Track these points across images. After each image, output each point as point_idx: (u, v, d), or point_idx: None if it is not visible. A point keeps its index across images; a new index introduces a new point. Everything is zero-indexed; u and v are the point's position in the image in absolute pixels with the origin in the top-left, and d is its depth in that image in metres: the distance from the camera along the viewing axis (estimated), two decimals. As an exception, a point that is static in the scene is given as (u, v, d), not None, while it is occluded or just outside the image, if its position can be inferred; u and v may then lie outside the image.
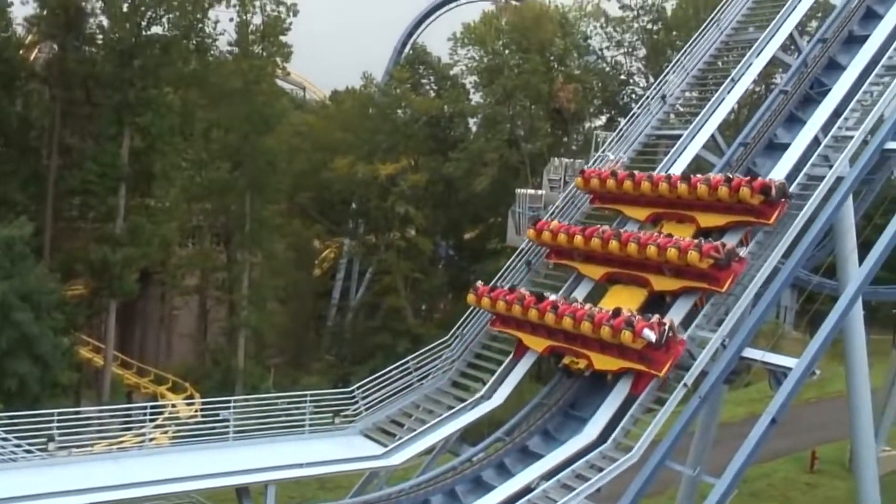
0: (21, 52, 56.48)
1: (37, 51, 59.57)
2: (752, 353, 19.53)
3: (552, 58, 69.50)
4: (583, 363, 20.39)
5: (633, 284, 21.36)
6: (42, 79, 56.48)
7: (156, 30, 54.81)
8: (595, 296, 22.11)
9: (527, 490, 18.62)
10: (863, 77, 22.86)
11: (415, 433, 20.57)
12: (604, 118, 76.10)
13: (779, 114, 24.40)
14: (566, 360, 20.83)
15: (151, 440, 20.77)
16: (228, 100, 59.51)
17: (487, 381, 21.48)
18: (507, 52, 68.34)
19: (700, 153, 24.64)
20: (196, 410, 42.97)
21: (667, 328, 19.06)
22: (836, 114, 22.42)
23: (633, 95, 73.30)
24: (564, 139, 72.92)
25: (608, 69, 77.61)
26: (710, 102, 25.12)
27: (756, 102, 44.80)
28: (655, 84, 27.63)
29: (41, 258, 48.80)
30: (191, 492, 18.61)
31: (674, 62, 27.60)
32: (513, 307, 21.42)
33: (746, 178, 20.96)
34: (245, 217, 59.93)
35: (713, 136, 24.82)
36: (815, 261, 30.08)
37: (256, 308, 60.27)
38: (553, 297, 21.39)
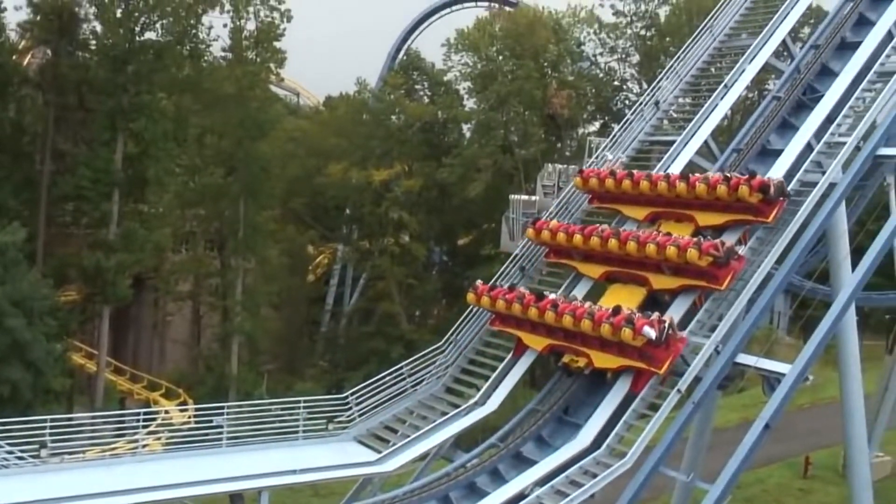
0: (14, 58, 56.39)
1: (30, 56, 59.66)
2: (746, 359, 19.55)
3: (546, 64, 69.59)
4: (582, 361, 20.41)
5: (632, 283, 21.40)
6: (35, 84, 56.44)
7: (149, 35, 55.02)
8: (594, 295, 22.11)
9: (521, 496, 18.59)
10: (855, 83, 22.92)
11: (409, 439, 20.54)
12: (597, 124, 76.19)
13: (772, 120, 24.43)
14: (566, 359, 20.84)
15: (144, 447, 20.69)
16: (222, 105, 59.44)
17: (481, 387, 21.44)
18: (501, 58, 68.38)
19: (693, 159, 24.63)
20: (189, 417, 42.69)
21: (666, 326, 19.10)
22: (829, 120, 22.47)
23: (627, 101, 73.41)
24: (558, 145, 73.00)
25: (602, 75, 77.74)
26: (704, 108, 25.11)
27: (749, 108, 44.86)
28: (649, 90, 27.63)
29: (34, 264, 48.77)
30: (184, 498, 18.49)
31: (667, 68, 27.61)
32: (512, 306, 21.42)
33: (745, 177, 21.03)
34: (239, 223, 59.76)
35: (706, 142, 24.85)
36: (809, 266, 30.11)
37: (250, 314, 60.12)
38: (553, 296, 21.41)
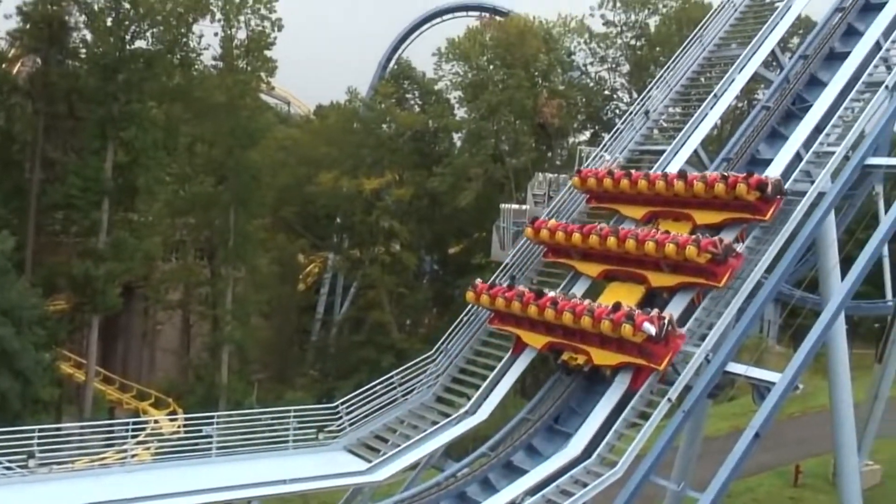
0: (4, 66, 56.30)
1: (20, 64, 59.43)
2: (736, 368, 19.59)
3: (536, 73, 69.77)
4: (581, 359, 20.45)
5: (631, 281, 21.46)
6: (25, 92, 56.28)
7: (140, 44, 54.84)
8: (592, 294, 22.14)
9: (511, 505, 18.56)
10: (844, 93, 23.00)
11: (399, 449, 20.49)
12: (588, 133, 76.38)
13: (761, 129, 24.52)
14: (565, 356, 20.86)
15: (133, 456, 20.60)
16: (213, 114, 59.33)
17: (472, 396, 21.42)
18: (492, 68, 68.49)
19: (683, 168, 24.70)
20: (179, 426, 42.58)
21: (666, 322, 19.17)
22: (818, 129, 22.54)
23: (617, 111, 73.68)
24: (549, 154, 73.17)
25: (592, 84, 78.07)
26: (693, 118, 25.16)
27: (739, 118, 45.04)
28: (639, 99, 27.69)
29: (23, 273, 48.61)
30: (173, 509, 18.46)
31: (657, 78, 27.70)
32: (512, 303, 21.48)
33: (743, 175, 21.15)
34: (229, 231, 59.57)
35: (696, 152, 24.89)
36: (798, 275, 30.17)
37: (240, 323, 59.93)
38: (552, 294, 21.49)
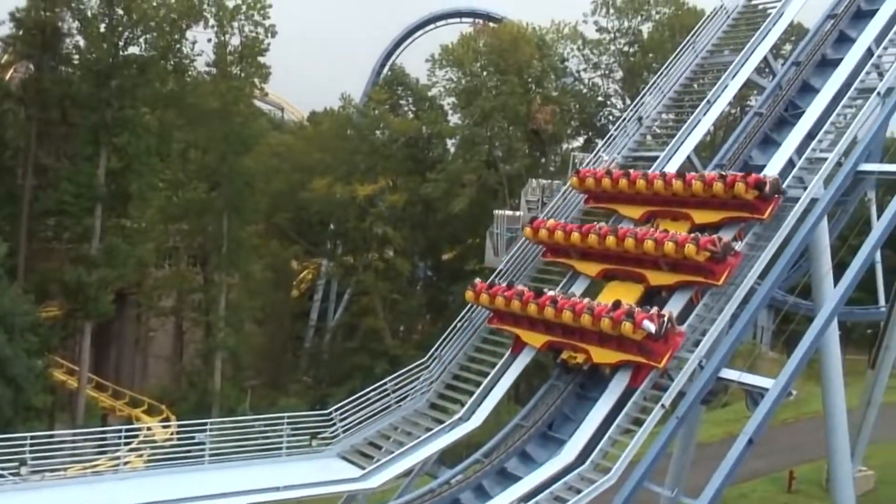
0: (-4, 72, 56.33)
1: (12, 71, 59.33)
2: (730, 374, 19.61)
3: (530, 79, 69.77)
4: (581, 357, 20.48)
5: (630, 280, 21.50)
6: (18, 99, 56.19)
7: (133, 50, 54.89)
8: (590, 294, 22.16)
9: (505, 512, 18.53)
10: (836, 100, 23.07)
11: (393, 455, 20.47)
12: (581, 139, 76.47)
13: (754, 136, 24.58)
14: (564, 355, 20.89)
15: (126, 464, 20.53)
16: (206, 120, 59.30)
17: (466, 403, 21.40)
18: (485, 74, 68.47)
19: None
20: (172, 433, 42.62)
21: (665, 320, 19.21)
22: (810, 136, 22.60)
23: (611, 117, 73.66)
24: (542, 160, 73.08)
25: (585, 91, 78.09)
26: (686, 124, 25.25)
27: (731, 124, 45.15)
28: (632, 106, 27.76)
29: (15, 279, 48.45)
30: (166, 516, 18.40)
31: (650, 84, 27.79)
32: (511, 302, 21.51)
33: (741, 174, 21.23)
34: (222, 238, 59.54)
35: (689, 158, 24.89)
36: (791, 281, 30.28)
37: (233, 329, 59.85)
38: (552, 293, 21.53)
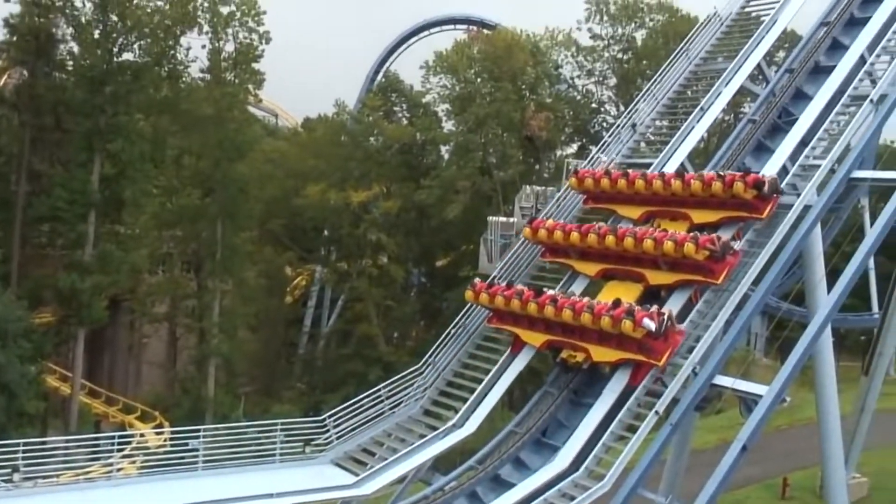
0: (-9, 78, 56.27)
1: (6, 77, 59.28)
2: (723, 381, 19.61)
3: (524, 86, 69.88)
4: (581, 356, 20.52)
5: (629, 280, 21.54)
6: (11, 105, 56.10)
7: (127, 56, 54.83)
8: (590, 294, 22.17)
9: (499, 519, 18.49)
10: (829, 107, 23.14)
11: (386, 462, 20.45)
12: (575, 146, 76.58)
13: (747, 142, 24.63)
14: (564, 354, 20.93)
15: (119, 470, 20.47)
16: (200, 126, 59.27)
17: (460, 409, 21.39)
18: (479, 81, 68.53)
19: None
20: (165, 440, 42.43)
21: (665, 318, 19.27)
22: (804, 143, 22.66)
23: (604, 124, 73.86)
24: (536, 167, 73.22)
25: (579, 97, 78.28)
26: (680, 131, 25.28)
27: (725, 131, 45.27)
28: (626, 112, 27.80)
29: (8, 285, 48.47)
30: (159, 523, 18.36)
31: (644, 91, 27.80)
32: (511, 301, 21.54)
33: (739, 174, 21.30)
34: (216, 244, 59.42)
35: (683, 165, 24.87)
36: (785, 288, 30.31)
37: (227, 336, 59.69)
38: (551, 292, 21.58)
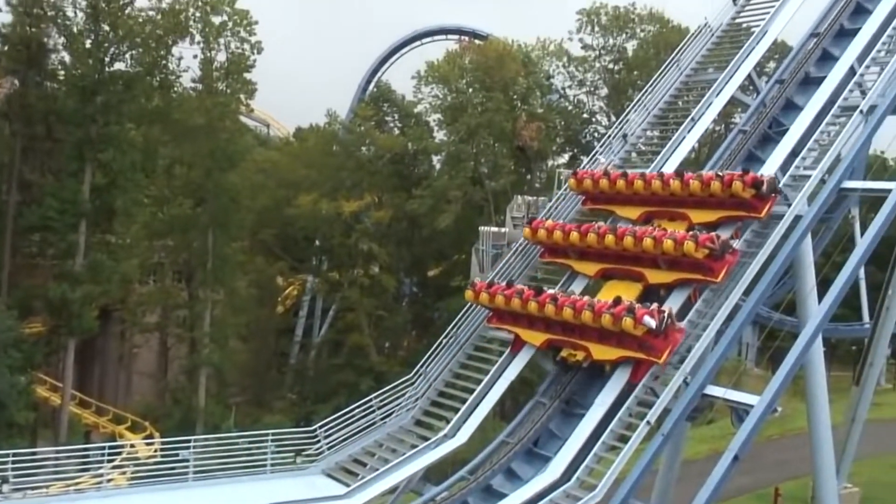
0: (-19, 88, 56.08)
1: (-3, 86, 59.18)
2: (715, 391, 19.61)
3: (515, 96, 70.08)
4: (581, 355, 20.55)
5: (628, 279, 21.59)
6: (2, 114, 55.92)
7: (119, 66, 54.81)
8: (589, 294, 22.18)
9: (491, 530, 18.49)
10: (819, 117, 23.22)
11: (377, 472, 20.38)
12: (566, 156, 76.75)
13: (738, 153, 24.68)
14: (564, 353, 20.97)
15: (109, 481, 20.38)
16: (192, 136, 59.23)
17: (451, 420, 21.36)
18: (471, 91, 68.71)
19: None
20: (155, 450, 42.24)
21: (665, 315, 19.33)
22: (794, 153, 22.73)
23: (596, 134, 74.08)
24: (528, 177, 73.34)
25: (571, 108, 78.53)
26: (671, 141, 25.36)
27: (716, 141, 45.36)
28: (617, 123, 27.91)
29: (-2, 295, 48.21)
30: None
31: (635, 101, 27.87)
32: (512, 301, 21.55)
33: (738, 173, 21.39)
34: (207, 254, 59.31)
35: (674, 175, 25.02)
36: (776, 298, 30.32)
37: (218, 346, 59.53)
38: (551, 291, 21.62)
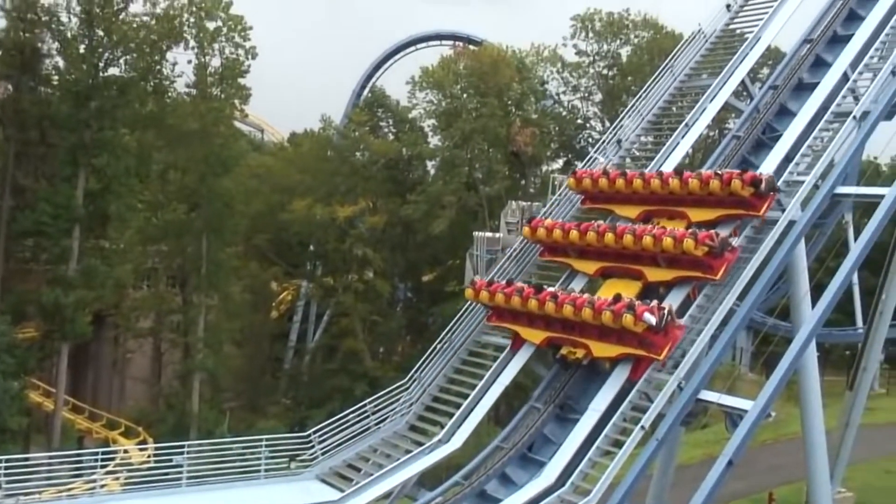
0: (-25, 93, 55.94)
1: (-9, 91, 59.05)
2: (709, 396, 19.62)
3: (510, 102, 70.26)
4: (580, 352, 20.54)
5: (627, 277, 21.59)
6: (-4, 119, 55.96)
7: (113, 71, 54.87)
8: (589, 292, 22.14)
9: (485, 535, 18.48)
10: (813, 123, 23.27)
11: (372, 478, 20.37)
12: (561, 161, 76.89)
13: (732, 158, 24.69)
14: (564, 351, 20.95)
15: (103, 487, 20.35)
16: (186, 141, 59.26)
17: (445, 425, 21.34)
18: (465, 96, 68.90)
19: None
20: (149, 456, 42.22)
21: (666, 312, 19.35)
22: (788, 159, 22.77)
23: (590, 139, 74.25)
24: (522, 182, 73.52)
25: (565, 113, 78.72)
26: (665, 147, 25.39)
27: (710, 147, 45.41)
28: (611, 128, 27.92)
29: (-8, 300, 48.10)
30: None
31: (629, 107, 27.88)
32: (512, 299, 21.55)
33: (737, 172, 21.44)
34: (201, 259, 59.37)
35: (669, 180, 25.06)
36: (770, 303, 30.45)
37: (212, 351, 59.55)
38: (551, 289, 21.63)
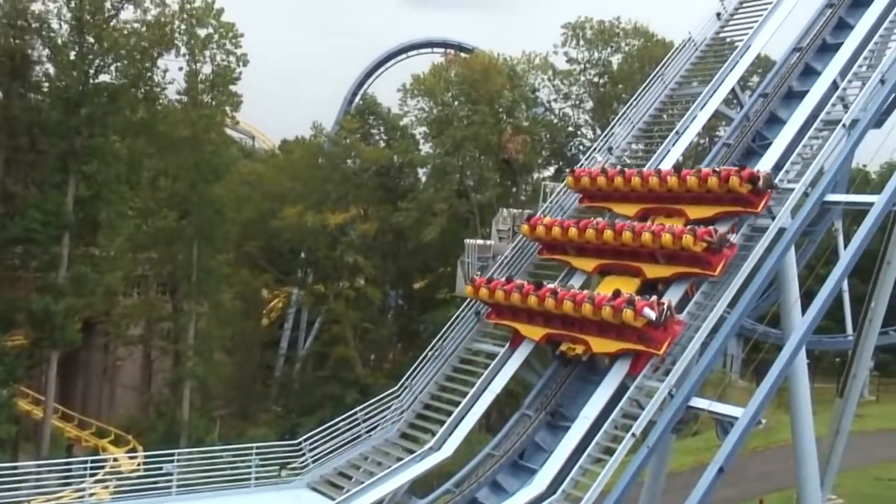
0: (-36, 99, 55.78)
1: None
2: (700, 403, 19.65)
3: (501, 109, 70.30)
4: (580, 348, 20.58)
5: (626, 274, 21.64)
6: (-15, 125, 55.79)
7: (104, 78, 54.65)
8: (587, 289, 22.13)
9: (476, 543, 18.46)
10: (802, 131, 23.35)
11: (363, 486, 20.31)
12: (552, 169, 76.99)
13: (722, 166, 24.81)
14: (563, 347, 20.99)
15: (92, 495, 20.30)
16: (177, 148, 59.10)
17: (437, 432, 21.31)
18: (457, 104, 68.84)
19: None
20: (139, 464, 42.06)
21: (665, 307, 19.41)
22: (777, 166, 22.84)
23: (581, 147, 74.34)
24: (513, 189, 73.59)
25: (556, 121, 78.83)
26: (656, 154, 25.50)
27: (700, 154, 45.50)
28: (602, 136, 28.01)
29: (-19, 308, 47.92)
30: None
31: (620, 115, 28.04)
32: (511, 296, 21.57)
33: (735, 168, 21.55)
34: (192, 266, 59.17)
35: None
36: (760, 310, 30.49)
37: (202, 358, 59.31)
38: (551, 285, 21.67)
